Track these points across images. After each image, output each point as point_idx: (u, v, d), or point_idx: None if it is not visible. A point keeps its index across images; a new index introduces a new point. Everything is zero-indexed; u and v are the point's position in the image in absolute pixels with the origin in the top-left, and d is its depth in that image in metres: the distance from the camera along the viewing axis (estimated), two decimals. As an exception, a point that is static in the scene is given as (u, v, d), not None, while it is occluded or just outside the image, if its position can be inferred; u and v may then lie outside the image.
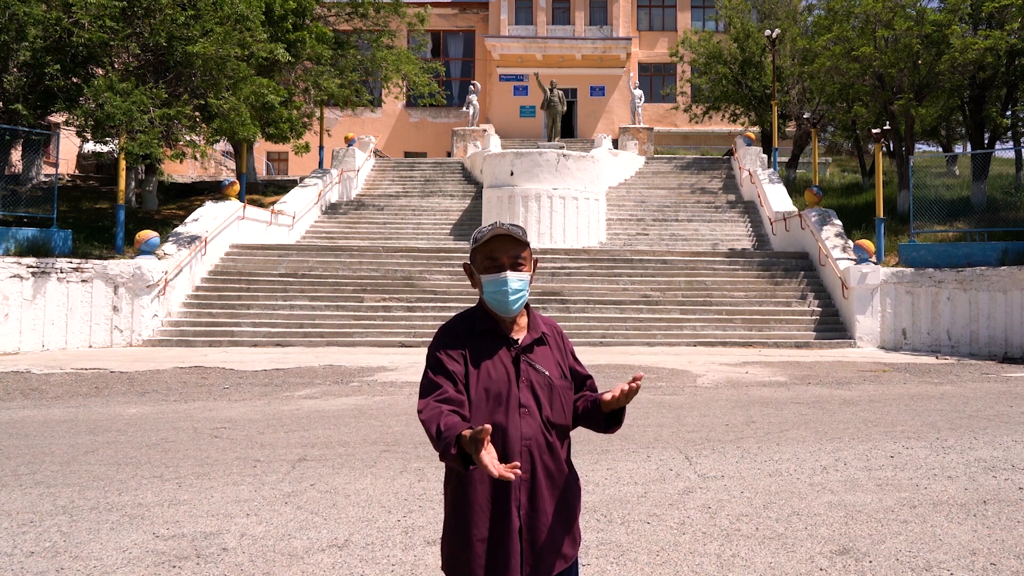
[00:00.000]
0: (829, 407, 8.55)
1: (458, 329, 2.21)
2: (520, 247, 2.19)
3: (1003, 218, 17.93)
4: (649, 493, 5.18)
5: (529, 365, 2.18)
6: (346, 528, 4.48)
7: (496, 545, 2.08)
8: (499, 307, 2.18)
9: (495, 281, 2.17)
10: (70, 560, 3.98)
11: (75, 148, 27.35)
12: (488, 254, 2.18)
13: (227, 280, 16.49)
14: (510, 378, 2.15)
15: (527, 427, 2.13)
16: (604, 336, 15.16)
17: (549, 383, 2.19)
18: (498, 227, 2.17)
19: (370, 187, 26.01)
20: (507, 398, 2.13)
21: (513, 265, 2.18)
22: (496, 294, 2.17)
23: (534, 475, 2.13)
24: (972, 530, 4.47)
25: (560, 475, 2.18)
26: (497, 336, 2.20)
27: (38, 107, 15.79)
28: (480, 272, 2.21)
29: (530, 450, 2.13)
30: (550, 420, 2.17)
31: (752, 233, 21.58)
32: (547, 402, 2.17)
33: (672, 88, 36.05)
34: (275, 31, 19.50)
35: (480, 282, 2.21)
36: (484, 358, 2.16)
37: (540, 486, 2.13)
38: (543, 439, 2.15)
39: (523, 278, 2.19)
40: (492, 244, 2.18)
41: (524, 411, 2.13)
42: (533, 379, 2.17)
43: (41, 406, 8.46)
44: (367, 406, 8.52)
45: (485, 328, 2.20)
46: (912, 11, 18.90)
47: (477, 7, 38.88)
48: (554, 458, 2.17)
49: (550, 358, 2.24)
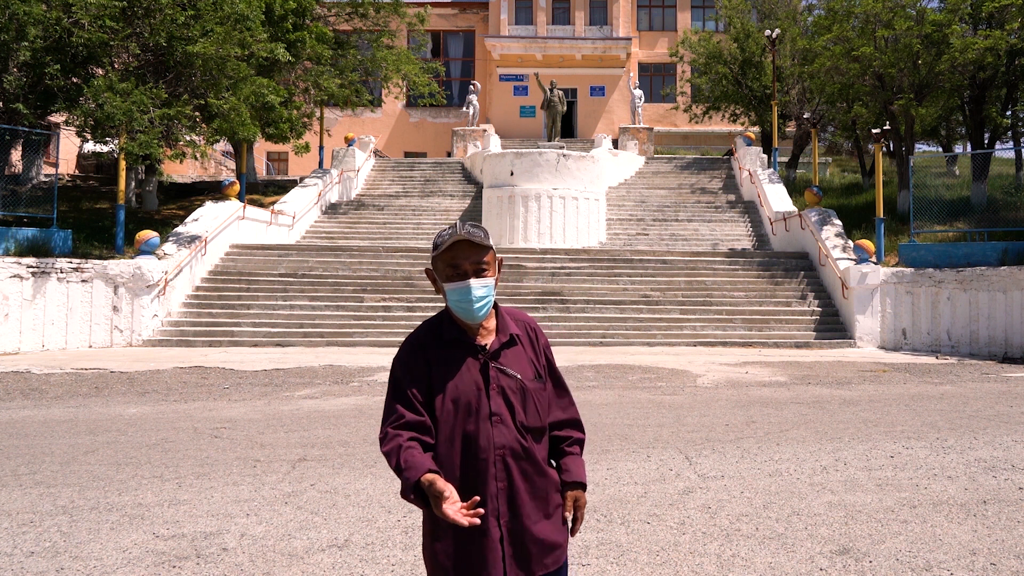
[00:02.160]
0: (829, 407, 8.55)
1: (423, 340, 2.16)
2: (482, 252, 2.13)
3: (1003, 218, 17.93)
4: (649, 493, 5.18)
5: (499, 371, 2.13)
6: (346, 528, 4.48)
7: (476, 555, 2.06)
8: (464, 315, 2.14)
9: (458, 290, 2.11)
10: (70, 560, 3.98)
11: (75, 148, 27.35)
12: (449, 261, 2.12)
13: (227, 280, 16.49)
14: (479, 387, 2.10)
15: (500, 436, 2.09)
16: (604, 336, 15.16)
17: (521, 387, 2.14)
18: (458, 232, 2.09)
19: (370, 187, 26.01)
20: (477, 408, 2.09)
21: (476, 272, 2.11)
22: (460, 303, 2.12)
23: (512, 483, 2.09)
24: (972, 530, 4.47)
25: (539, 478, 2.15)
26: (464, 345, 2.15)
27: (38, 107, 15.78)
28: (443, 280, 2.14)
29: (504, 459, 2.09)
30: (524, 425, 2.13)
31: (752, 233, 21.58)
32: (520, 407, 2.13)
33: (672, 88, 36.07)
34: (275, 31, 19.50)
35: (443, 290, 2.15)
36: (451, 369, 2.11)
37: (519, 492, 2.10)
38: (518, 446, 2.11)
39: (487, 284, 2.13)
40: (453, 251, 2.11)
41: (496, 419, 2.09)
42: (504, 384, 2.13)
43: (41, 406, 8.46)
44: (367, 406, 8.52)
45: (451, 337, 2.15)
46: (912, 11, 18.91)
47: (477, 7, 38.88)
48: (531, 462, 2.13)
49: (522, 358, 2.19)
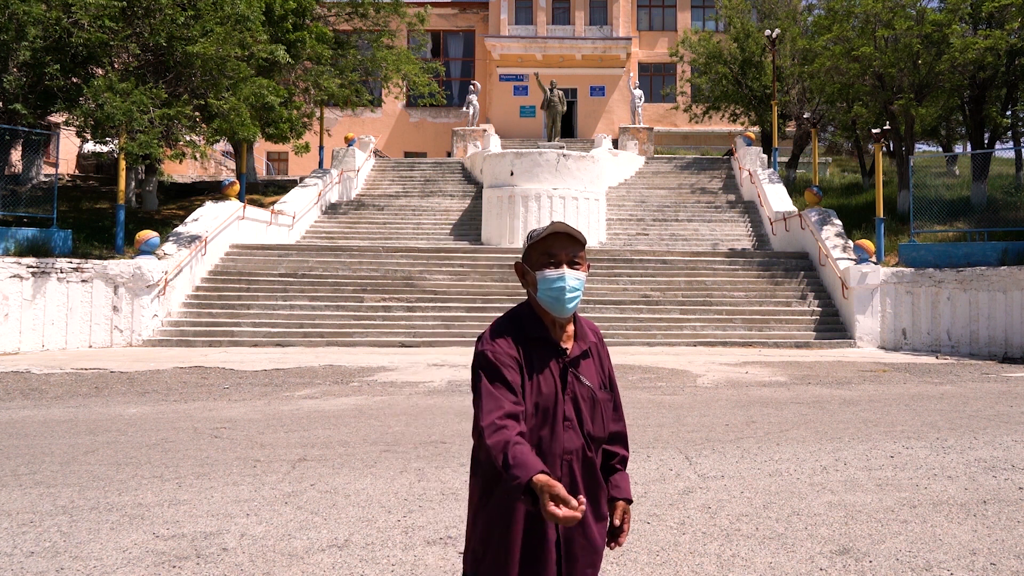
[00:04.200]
0: (829, 407, 8.55)
1: (510, 332, 2.12)
2: (578, 246, 2.14)
3: (1003, 218, 17.93)
4: (649, 493, 5.18)
5: (576, 378, 2.13)
6: (346, 528, 4.48)
7: (532, 555, 2.05)
8: (554, 306, 2.11)
9: (553, 278, 2.09)
10: (70, 560, 3.98)
11: (75, 148, 27.35)
12: (546, 250, 2.12)
13: (227, 280, 16.49)
14: (557, 390, 2.10)
15: (569, 441, 2.10)
16: (604, 336, 15.14)
17: (592, 396, 2.15)
18: (557, 225, 2.11)
19: (370, 187, 26.01)
20: (553, 411, 2.09)
21: (571, 263, 2.12)
22: (552, 291, 2.10)
23: (575, 488, 2.10)
24: (972, 530, 4.47)
25: (595, 485, 2.16)
26: (548, 345, 2.13)
27: (38, 107, 15.78)
28: (536, 268, 2.13)
29: (571, 464, 2.10)
30: (591, 434, 2.14)
31: (752, 233, 21.57)
32: (589, 416, 2.14)
33: (672, 88, 36.06)
34: (275, 31, 19.50)
35: (535, 279, 2.13)
36: (536, 368, 2.10)
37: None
38: (583, 453, 2.12)
39: (580, 277, 2.13)
40: (550, 241, 2.12)
41: (567, 424, 2.10)
42: (578, 392, 2.13)
43: (41, 406, 8.46)
44: (367, 406, 8.51)
45: (536, 334, 2.13)
46: (912, 11, 18.91)
47: (477, 7, 38.88)
48: (592, 470, 2.15)
49: (593, 368, 2.21)
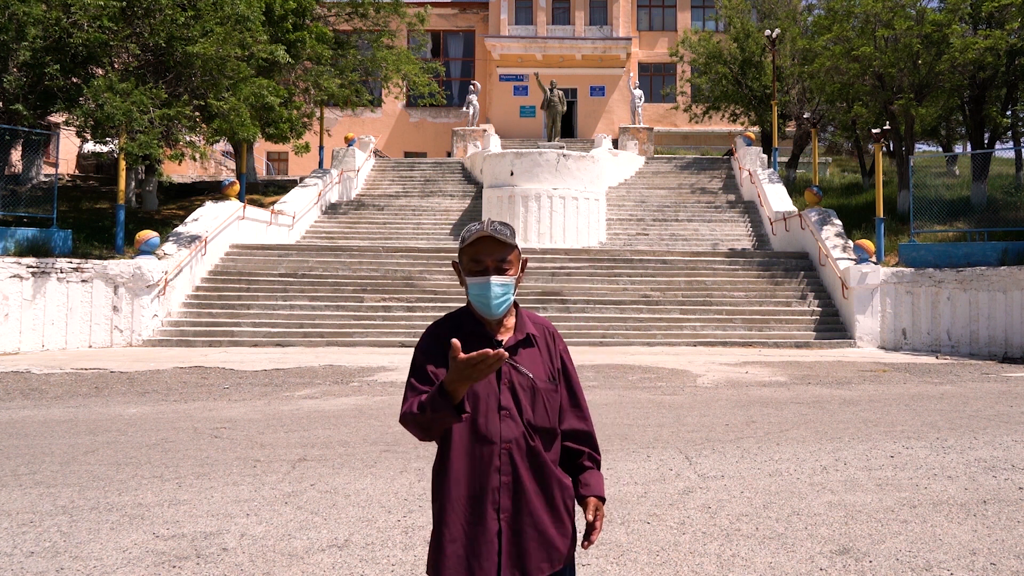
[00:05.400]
0: (829, 407, 8.55)
1: (443, 331, 2.20)
2: (506, 250, 2.16)
3: (1003, 218, 17.93)
4: (649, 493, 5.18)
5: (512, 367, 2.16)
6: (346, 528, 4.48)
7: (471, 547, 2.06)
8: (483, 310, 2.18)
9: (479, 285, 2.16)
10: (70, 560, 3.98)
11: (75, 148, 27.35)
12: (473, 256, 2.16)
13: (227, 280, 16.49)
14: (491, 380, 2.14)
15: (508, 430, 2.12)
16: (604, 336, 15.16)
17: (532, 385, 2.17)
18: (484, 229, 2.15)
19: (370, 187, 26.01)
20: (488, 400, 2.13)
21: (497, 269, 2.15)
22: (480, 297, 2.16)
23: (517, 478, 2.11)
24: (972, 530, 4.47)
25: (546, 478, 2.16)
26: (482, 338, 2.18)
27: (38, 107, 15.77)
28: (465, 274, 2.19)
29: (511, 453, 2.11)
30: (532, 423, 2.16)
31: (752, 233, 21.57)
32: (529, 405, 2.16)
33: (672, 88, 36.05)
34: (275, 31, 19.50)
35: (465, 283, 2.21)
36: None
37: (524, 489, 2.11)
38: (524, 442, 2.14)
39: (507, 282, 2.17)
40: (477, 246, 2.16)
41: (505, 413, 2.13)
42: (515, 381, 2.16)
43: (41, 406, 8.46)
44: (367, 406, 8.52)
45: (470, 330, 2.19)
46: (912, 11, 18.91)
47: (477, 7, 38.88)
48: (538, 461, 2.15)
49: (536, 359, 2.22)
